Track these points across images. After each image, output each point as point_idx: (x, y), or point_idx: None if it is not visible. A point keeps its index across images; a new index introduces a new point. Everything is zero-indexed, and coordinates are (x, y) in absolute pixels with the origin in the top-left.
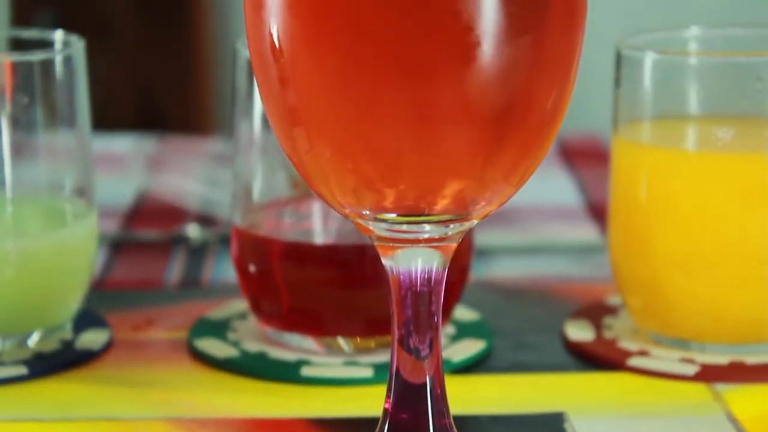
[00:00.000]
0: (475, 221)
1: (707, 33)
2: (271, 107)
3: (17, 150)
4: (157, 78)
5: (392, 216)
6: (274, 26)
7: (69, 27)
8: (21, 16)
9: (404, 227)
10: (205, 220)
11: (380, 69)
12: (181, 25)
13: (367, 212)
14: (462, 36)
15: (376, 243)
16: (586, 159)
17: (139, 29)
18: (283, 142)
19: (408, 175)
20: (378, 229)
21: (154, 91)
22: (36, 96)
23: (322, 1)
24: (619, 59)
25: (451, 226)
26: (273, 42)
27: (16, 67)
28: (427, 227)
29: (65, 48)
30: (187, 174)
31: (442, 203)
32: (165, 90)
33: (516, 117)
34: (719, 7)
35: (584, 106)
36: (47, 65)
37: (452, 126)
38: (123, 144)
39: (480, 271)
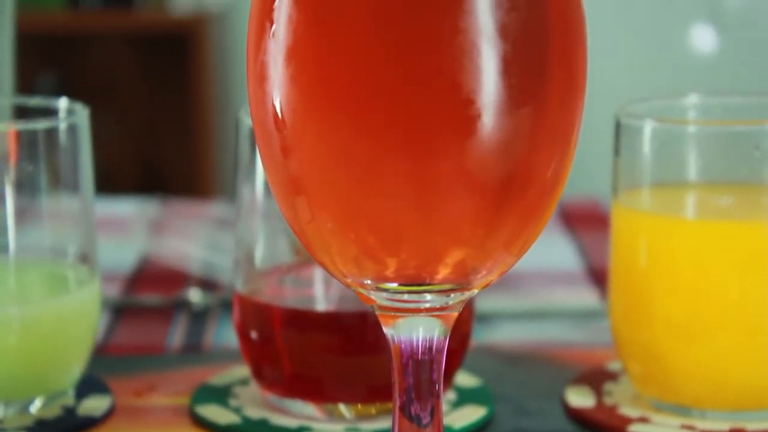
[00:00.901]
0: (476, 291)
1: (706, 101)
2: (273, 176)
3: (20, 215)
4: (159, 141)
5: (394, 286)
6: (277, 98)
7: (72, 89)
8: (24, 78)
9: (405, 297)
10: (207, 284)
11: (382, 141)
12: (183, 90)
13: (369, 282)
14: (463, 108)
15: (377, 312)
16: (587, 223)
17: (142, 93)
18: (284, 211)
19: (410, 245)
20: (379, 298)
21: (156, 153)
22: (40, 163)
23: (324, 74)
24: (618, 127)
25: (452, 295)
26: (276, 113)
27: (20, 135)
28: (429, 297)
29: (69, 116)
30: (189, 238)
31: (443, 273)
32: (167, 153)
33: (516, 187)
34: (717, 74)
35: (584, 170)
36: (51, 133)
37: (453, 197)
38: (126, 208)
39: (481, 336)
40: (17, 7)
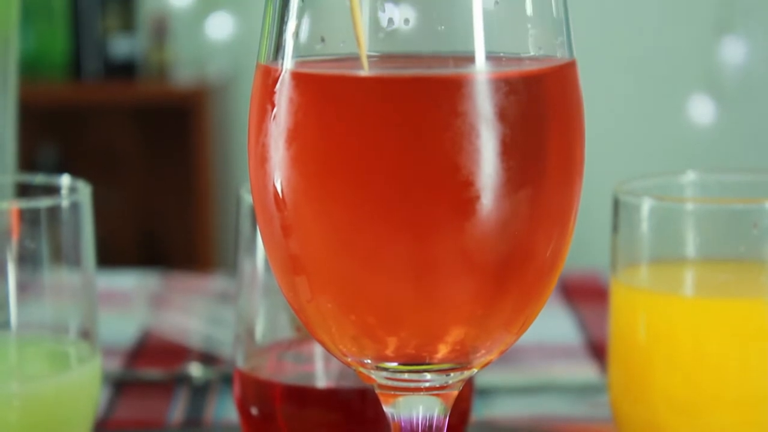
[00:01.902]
0: (476, 370)
1: (703, 178)
2: (274, 255)
3: (22, 290)
4: (160, 212)
5: (393, 365)
6: (278, 179)
7: (73, 160)
8: (26, 148)
9: (405, 376)
10: (208, 358)
11: (381, 222)
12: (184, 161)
13: (369, 361)
14: (462, 190)
15: (377, 390)
16: (586, 296)
17: (143, 164)
18: (284, 289)
19: (410, 325)
20: (379, 377)
21: (157, 225)
22: (42, 240)
23: (325, 156)
24: (616, 205)
25: (452, 374)
26: (276, 194)
27: (22, 212)
28: (428, 376)
29: (72, 194)
30: (190, 312)
31: (443, 352)
32: (168, 224)
33: (515, 268)
34: (716, 145)
35: (584, 243)
36: (54, 211)
37: (453, 277)
38: (126, 281)
39: (480, 412)
40: (19, 79)
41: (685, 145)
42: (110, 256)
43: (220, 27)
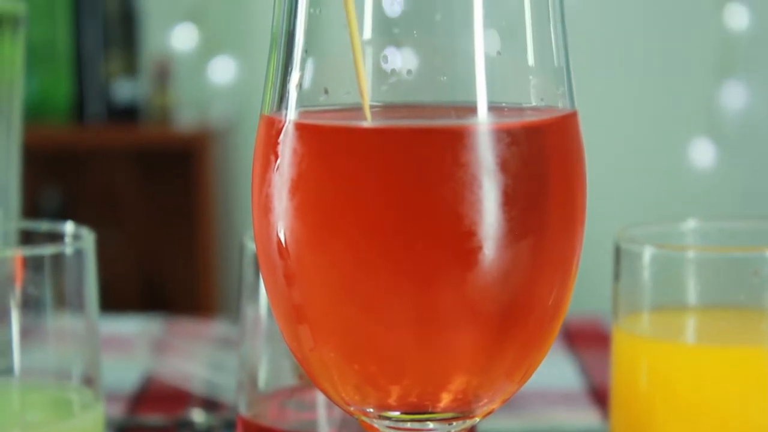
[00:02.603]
0: (479, 418)
1: (704, 226)
2: (277, 304)
3: (25, 336)
4: (162, 256)
5: (396, 414)
6: (281, 229)
7: (75, 203)
8: (28, 192)
9: (408, 425)
10: (210, 404)
11: (384, 272)
12: (187, 205)
13: (371, 410)
14: (464, 240)
15: None
16: (588, 342)
17: (145, 208)
18: (287, 337)
19: (412, 374)
20: (382, 426)
21: (159, 268)
22: (45, 287)
23: (328, 206)
24: (618, 253)
25: (455, 423)
26: (280, 243)
27: (26, 260)
28: (431, 425)
29: (75, 241)
30: (193, 357)
31: (445, 401)
32: (170, 268)
33: (518, 317)
34: (716, 188)
35: (585, 289)
36: (57, 258)
37: (455, 327)
38: (129, 326)
39: None
40: (23, 123)
41: (686, 190)
42: (112, 300)
43: (222, 71)
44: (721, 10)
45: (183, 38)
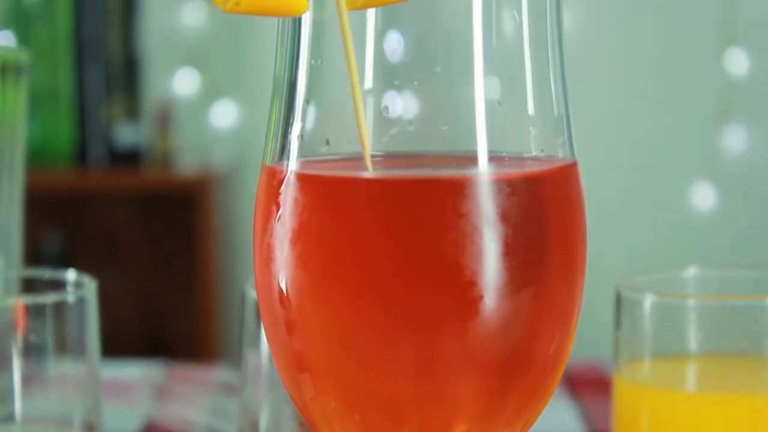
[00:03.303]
0: None
1: (705, 273)
2: (278, 352)
3: (27, 382)
4: (163, 300)
5: None
6: (283, 279)
7: (77, 247)
8: (30, 235)
9: None
10: None
11: (385, 321)
12: (188, 249)
13: None
14: (464, 290)
15: None
16: (589, 388)
17: (146, 252)
18: (288, 386)
19: (413, 424)
20: None
21: (160, 313)
22: (47, 334)
23: (329, 257)
24: (618, 301)
25: None
26: (281, 292)
27: (28, 308)
28: None
29: (77, 289)
30: (194, 404)
31: None
32: (171, 313)
33: (518, 366)
34: (717, 231)
35: (586, 335)
36: (59, 306)
37: (456, 377)
38: (130, 372)
39: None
40: (25, 167)
41: (687, 234)
42: (113, 344)
43: (223, 115)
44: (722, 55)
45: (185, 83)
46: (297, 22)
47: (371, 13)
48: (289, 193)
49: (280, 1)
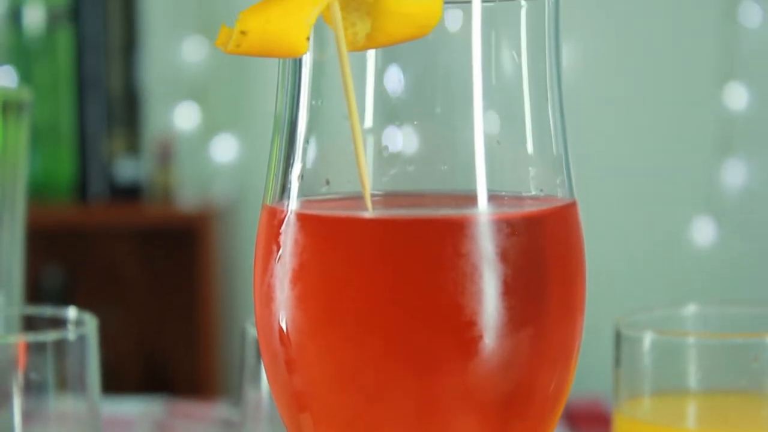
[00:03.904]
0: None
1: (704, 310)
2: (278, 391)
3: (27, 420)
4: (163, 335)
5: None
6: (283, 319)
7: (77, 282)
8: (30, 270)
9: None
10: None
11: (385, 361)
12: (189, 284)
13: None
14: (464, 330)
15: None
16: (589, 423)
17: (147, 287)
18: (288, 425)
19: None
20: None
21: (160, 348)
22: (48, 371)
23: (329, 296)
24: (618, 339)
25: None
26: (282, 332)
27: (29, 346)
28: None
29: (78, 327)
30: None
31: None
32: (171, 348)
33: (518, 405)
34: (717, 265)
35: (586, 370)
36: (60, 344)
37: (456, 415)
38: (130, 408)
39: None
40: (26, 202)
41: (687, 269)
42: (113, 380)
43: (224, 150)
44: (721, 90)
45: (185, 118)
46: (297, 63)
47: (371, 54)
48: (289, 233)
49: (281, 42)
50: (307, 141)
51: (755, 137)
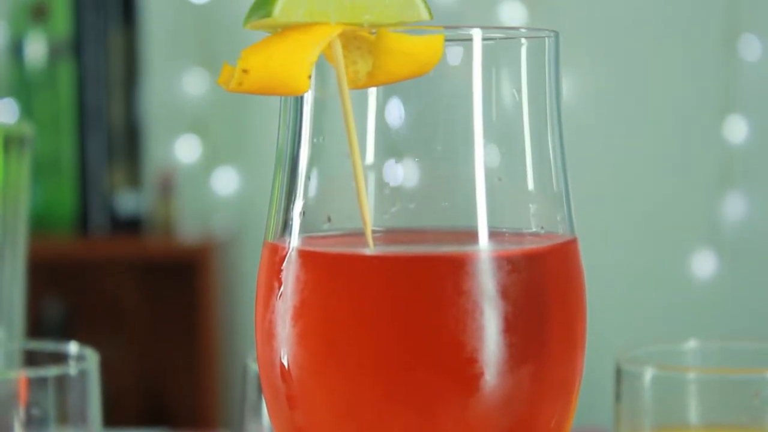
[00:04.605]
0: None
1: (705, 346)
2: (280, 427)
3: None
4: (164, 367)
5: None
6: (285, 355)
7: (78, 314)
8: (31, 302)
9: None
10: None
11: (386, 397)
12: (190, 316)
13: None
14: (465, 367)
15: None
16: None
17: (148, 319)
18: None
19: None
20: None
21: (161, 381)
22: (49, 406)
23: (330, 333)
24: (618, 374)
25: None
26: (283, 368)
27: (30, 381)
28: None
29: (79, 362)
30: None
31: None
32: (172, 380)
33: None
34: (717, 298)
35: (587, 403)
36: (62, 379)
37: None
38: None
39: None
40: (28, 239)
41: (688, 302)
42: (114, 413)
43: (225, 182)
44: (721, 122)
45: (186, 150)
46: (299, 100)
47: (372, 91)
48: (291, 269)
49: (283, 81)
50: (308, 177)
51: (755, 170)
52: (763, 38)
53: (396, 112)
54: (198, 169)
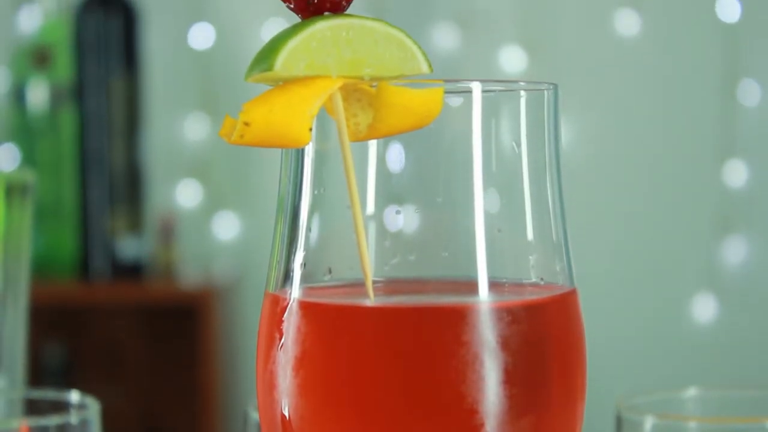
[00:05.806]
0: None
1: (705, 394)
2: None
3: None
4: (164, 412)
5: None
6: (286, 406)
7: (79, 359)
8: (32, 346)
9: None
10: None
11: None
12: (190, 361)
13: None
14: (465, 418)
15: None
16: None
17: (148, 364)
18: None
19: None
20: None
21: (161, 425)
22: None
23: (331, 384)
24: (619, 422)
25: None
26: (284, 419)
27: (31, 430)
28: None
29: (80, 410)
30: None
31: None
32: (172, 425)
33: None
34: (718, 341)
35: None
36: (63, 428)
37: None
38: None
39: None
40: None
41: (688, 347)
42: None
43: (226, 227)
44: (721, 167)
45: (187, 195)
46: (300, 152)
47: (372, 143)
48: (291, 321)
49: (284, 133)
50: (309, 229)
51: (755, 214)
52: (762, 83)
53: (396, 162)
54: (199, 214)
